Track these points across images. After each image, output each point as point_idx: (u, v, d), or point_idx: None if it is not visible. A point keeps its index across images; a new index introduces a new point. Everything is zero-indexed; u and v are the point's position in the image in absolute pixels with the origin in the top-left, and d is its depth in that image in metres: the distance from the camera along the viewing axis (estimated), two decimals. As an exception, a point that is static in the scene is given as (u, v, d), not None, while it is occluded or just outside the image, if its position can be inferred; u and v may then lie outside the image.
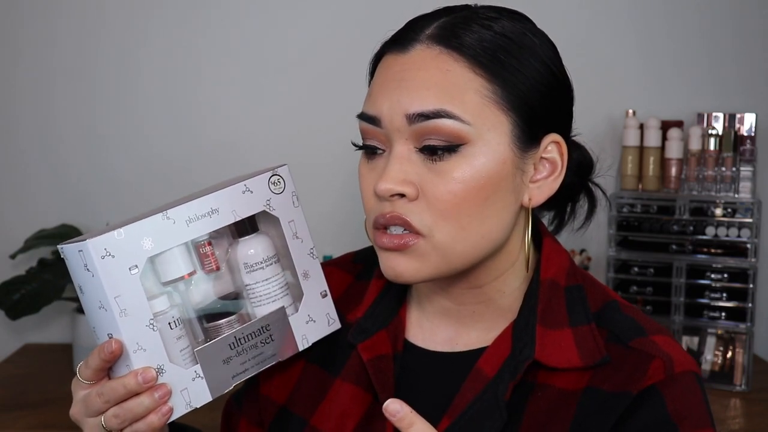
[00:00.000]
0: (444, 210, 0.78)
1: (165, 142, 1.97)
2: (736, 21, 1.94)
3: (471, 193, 0.78)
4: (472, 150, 0.78)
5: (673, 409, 0.78)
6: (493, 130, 0.78)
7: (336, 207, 1.96)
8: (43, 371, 1.81)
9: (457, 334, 0.88)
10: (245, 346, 0.84)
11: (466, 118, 0.77)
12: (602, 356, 0.81)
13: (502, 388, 0.81)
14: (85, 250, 0.76)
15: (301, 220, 0.90)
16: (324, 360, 0.93)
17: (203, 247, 0.85)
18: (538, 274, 0.86)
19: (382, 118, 0.80)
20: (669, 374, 0.79)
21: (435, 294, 0.89)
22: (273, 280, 0.87)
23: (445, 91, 0.77)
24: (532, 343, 0.82)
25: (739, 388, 1.72)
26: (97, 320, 0.79)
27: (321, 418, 0.89)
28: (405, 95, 0.78)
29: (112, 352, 0.77)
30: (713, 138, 1.78)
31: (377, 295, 0.93)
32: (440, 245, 0.79)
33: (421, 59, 0.79)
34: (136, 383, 0.77)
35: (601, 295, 0.87)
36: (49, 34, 1.95)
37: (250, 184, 0.86)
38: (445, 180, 0.78)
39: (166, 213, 0.81)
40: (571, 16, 1.94)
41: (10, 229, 1.94)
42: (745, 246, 1.74)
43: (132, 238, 0.78)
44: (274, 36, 1.96)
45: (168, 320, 0.81)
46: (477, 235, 0.80)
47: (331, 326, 0.91)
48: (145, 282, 0.80)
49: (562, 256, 0.88)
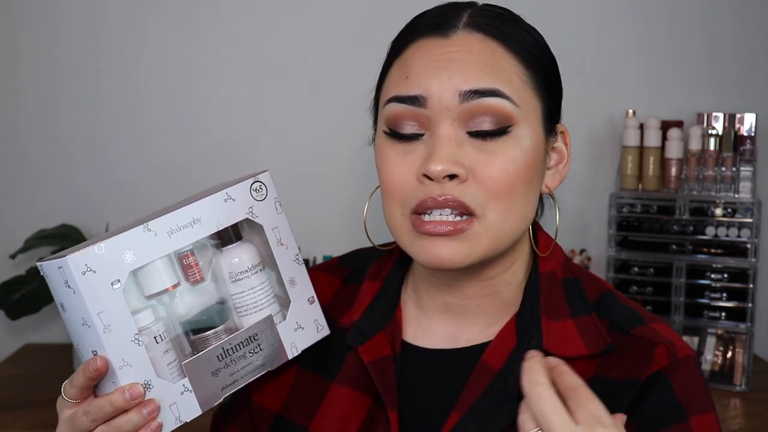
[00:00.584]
0: (497, 189, 0.79)
1: (166, 142, 1.97)
2: (736, 21, 1.94)
3: (520, 173, 0.79)
4: (519, 131, 0.80)
5: (680, 394, 0.80)
6: (533, 113, 0.81)
7: (336, 207, 1.96)
8: (43, 371, 1.82)
9: (459, 330, 0.88)
10: (233, 357, 0.83)
11: (515, 100, 0.79)
12: (607, 344, 0.82)
13: (512, 380, 0.80)
14: (65, 267, 0.74)
15: (285, 227, 0.88)
16: (318, 365, 0.92)
17: (186, 258, 0.83)
18: (537, 267, 0.87)
19: (430, 97, 0.79)
20: (673, 359, 0.81)
21: (438, 291, 0.89)
22: (259, 288, 0.86)
23: (495, 72, 0.79)
24: (539, 335, 0.83)
25: (739, 388, 1.72)
26: (81, 337, 0.77)
27: (320, 424, 0.88)
28: (457, 73, 0.79)
29: (98, 370, 0.75)
30: (713, 138, 1.78)
31: (373, 296, 0.92)
32: (492, 226, 0.79)
33: (467, 43, 0.80)
34: (123, 400, 0.75)
35: (597, 286, 0.89)
36: (50, 35, 1.95)
37: (232, 192, 0.84)
38: (498, 160, 0.79)
39: (147, 225, 0.79)
40: (571, 16, 1.94)
41: (10, 229, 1.94)
42: (745, 246, 1.74)
43: (113, 252, 0.76)
44: (275, 37, 1.96)
45: (153, 334, 0.79)
46: (520, 215, 0.81)
47: (320, 333, 0.90)
48: (128, 296, 0.78)
49: (557, 250, 0.90)
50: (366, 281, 0.94)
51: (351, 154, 1.93)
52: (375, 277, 0.94)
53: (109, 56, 1.96)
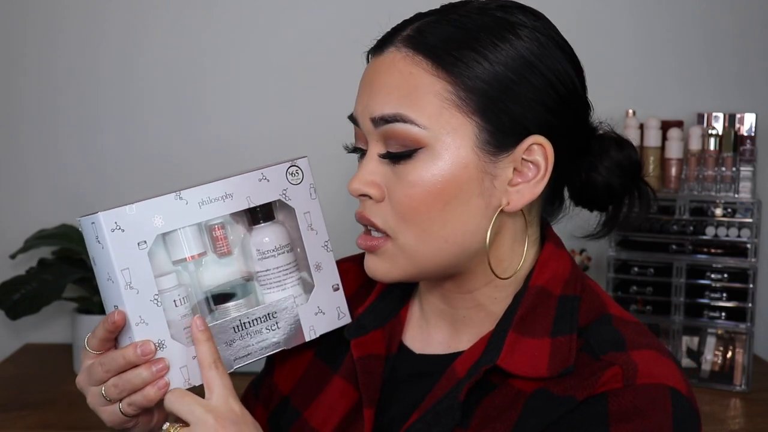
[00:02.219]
0: (404, 213, 0.79)
1: (166, 143, 1.97)
2: (736, 21, 1.94)
3: (429, 197, 0.78)
4: (429, 154, 0.77)
5: (615, 410, 0.74)
6: (453, 133, 0.77)
7: (335, 208, 1.96)
8: (43, 371, 1.81)
9: (452, 336, 0.88)
10: (249, 331, 0.86)
11: (422, 122, 0.77)
12: (565, 367, 0.78)
13: (459, 388, 0.80)
14: (96, 223, 0.79)
15: (318, 213, 0.91)
16: (328, 355, 0.93)
17: (216, 230, 0.87)
18: (528, 281, 0.84)
19: (358, 119, 0.83)
20: (627, 383, 0.75)
21: (431, 295, 0.89)
22: (284, 268, 0.89)
23: (404, 95, 0.78)
24: (498, 349, 0.80)
25: (739, 388, 1.72)
26: (106, 291, 0.82)
27: (312, 412, 0.90)
28: (371, 98, 0.80)
29: (115, 323, 0.79)
30: (713, 138, 1.78)
31: (380, 293, 0.93)
32: (405, 247, 0.80)
33: (389, 62, 0.80)
34: (134, 355, 0.79)
35: (597, 307, 0.84)
36: (50, 35, 1.95)
37: (268, 173, 0.88)
38: (403, 183, 0.79)
39: (180, 193, 0.83)
40: (570, 16, 1.94)
41: (10, 229, 1.94)
42: (745, 246, 1.74)
43: (143, 215, 0.81)
44: (275, 34, 1.96)
45: (174, 297, 0.83)
46: (440, 238, 0.79)
47: (341, 320, 0.92)
48: (155, 259, 0.82)
49: (562, 264, 0.85)
50: None
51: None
52: None
53: (110, 57, 1.96)
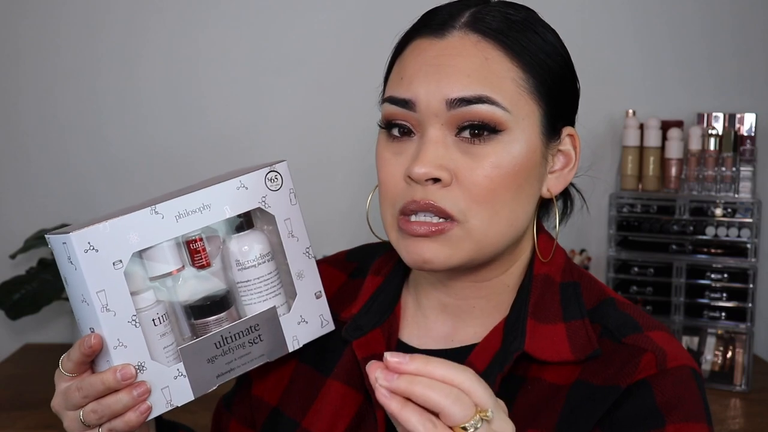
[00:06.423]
0: (479, 195, 0.78)
1: (168, 142, 1.97)
2: (736, 21, 1.94)
3: (507, 179, 0.78)
4: (510, 137, 0.78)
5: (662, 401, 0.77)
6: (527, 118, 0.80)
7: (336, 205, 1.96)
8: (43, 371, 1.80)
9: (454, 330, 0.88)
10: (232, 346, 0.82)
11: (506, 105, 0.78)
12: (593, 349, 0.81)
13: (490, 381, 0.79)
14: (68, 243, 0.74)
15: (298, 219, 0.87)
16: (316, 359, 0.92)
17: (194, 242, 0.82)
18: (533, 269, 0.86)
19: (418, 102, 0.79)
20: (661, 368, 0.79)
21: (434, 289, 0.89)
22: (266, 278, 0.85)
23: (486, 78, 0.78)
24: (522, 336, 0.82)
25: (739, 388, 1.72)
26: (81, 313, 0.77)
27: (312, 420, 0.88)
28: (445, 80, 0.78)
29: (91, 347, 0.75)
30: (713, 138, 1.78)
31: (373, 291, 0.92)
32: (474, 231, 0.79)
33: (460, 45, 0.79)
34: (114, 380, 0.76)
35: (597, 292, 0.87)
36: (51, 33, 1.95)
37: (246, 180, 0.83)
38: (482, 165, 0.78)
39: (155, 208, 0.78)
40: (571, 16, 1.94)
41: (10, 229, 1.94)
42: (745, 246, 1.74)
43: (118, 232, 0.76)
44: (277, 31, 1.96)
45: (152, 316, 0.79)
46: (507, 222, 0.80)
47: (324, 328, 0.89)
48: (131, 276, 0.78)
49: (558, 253, 0.88)
50: (369, 275, 0.94)
51: (350, 151, 1.92)
52: (378, 272, 0.94)
53: (111, 56, 1.96)
